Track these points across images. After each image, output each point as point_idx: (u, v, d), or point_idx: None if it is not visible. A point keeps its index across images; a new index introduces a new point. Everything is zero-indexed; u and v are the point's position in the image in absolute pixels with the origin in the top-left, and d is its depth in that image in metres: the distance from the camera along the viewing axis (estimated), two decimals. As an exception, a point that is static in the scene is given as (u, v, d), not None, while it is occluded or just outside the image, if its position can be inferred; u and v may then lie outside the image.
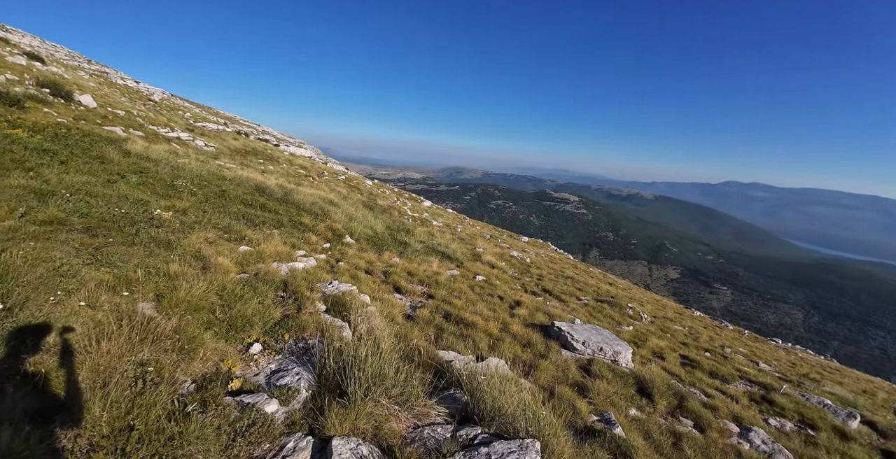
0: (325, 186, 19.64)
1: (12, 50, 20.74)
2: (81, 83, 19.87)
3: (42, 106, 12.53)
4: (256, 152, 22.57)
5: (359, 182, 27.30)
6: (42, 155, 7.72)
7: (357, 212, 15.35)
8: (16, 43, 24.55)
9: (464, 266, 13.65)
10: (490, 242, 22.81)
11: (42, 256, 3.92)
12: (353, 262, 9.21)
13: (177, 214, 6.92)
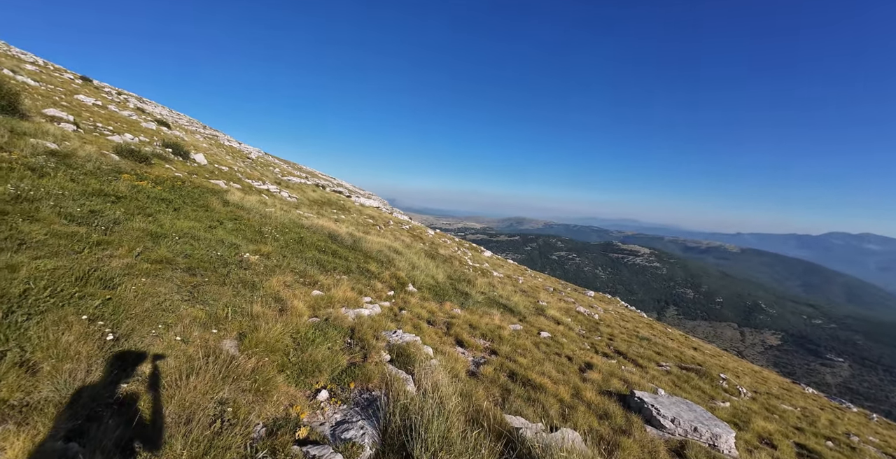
0: (391, 235, 20.48)
1: (146, 118, 25.56)
2: (197, 144, 23.64)
3: (164, 162, 14.96)
4: (331, 203, 24.53)
5: (421, 231, 28.15)
6: (160, 203, 9.01)
7: (419, 261, 15.63)
8: (150, 112, 30.35)
9: (527, 320, 12.98)
10: (553, 296, 21.71)
11: (150, 291, 4.38)
12: (416, 311, 9.17)
13: (261, 258, 7.52)
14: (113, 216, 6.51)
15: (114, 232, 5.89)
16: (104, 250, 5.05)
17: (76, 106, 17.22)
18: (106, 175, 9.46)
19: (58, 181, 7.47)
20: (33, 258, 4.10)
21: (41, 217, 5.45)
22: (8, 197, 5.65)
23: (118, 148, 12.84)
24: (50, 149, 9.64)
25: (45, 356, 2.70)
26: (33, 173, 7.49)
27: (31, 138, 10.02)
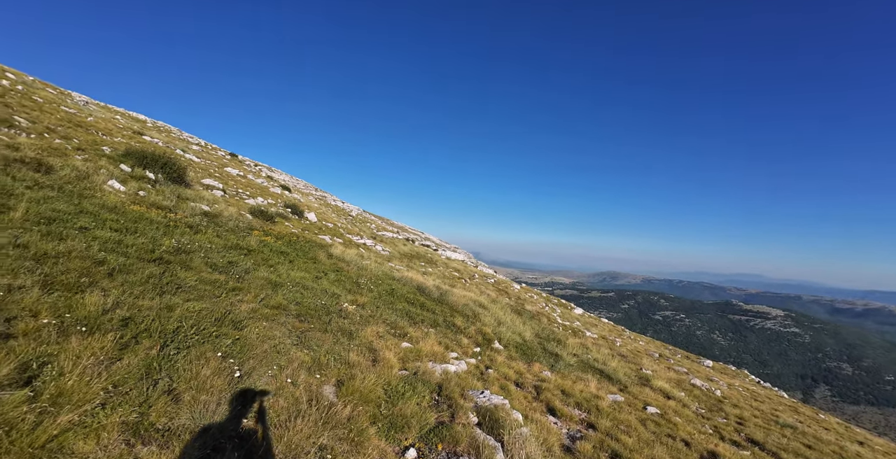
0: (476, 289, 20.40)
1: (273, 184, 30.41)
2: (309, 204, 27.20)
3: (285, 220, 17.38)
4: (419, 256, 25.66)
5: (507, 285, 27.57)
6: (280, 255, 10.36)
7: (505, 317, 15.14)
8: (276, 179, 36.16)
9: (629, 391, 11.39)
10: (660, 363, 18.93)
11: (268, 334, 4.92)
12: (503, 371, 8.71)
13: (358, 308, 8.02)
14: (245, 266, 7.65)
15: (244, 280, 6.89)
16: (237, 295, 5.90)
17: (224, 176, 21.37)
18: (242, 231, 11.32)
19: (207, 236, 9.13)
20: (185, 300, 4.94)
21: (193, 266, 6.63)
22: (171, 249, 7.02)
23: (252, 209, 15.41)
24: (204, 211, 11.96)
25: (186, 386, 3.14)
26: (191, 230, 9.28)
27: (191, 202, 12.58)
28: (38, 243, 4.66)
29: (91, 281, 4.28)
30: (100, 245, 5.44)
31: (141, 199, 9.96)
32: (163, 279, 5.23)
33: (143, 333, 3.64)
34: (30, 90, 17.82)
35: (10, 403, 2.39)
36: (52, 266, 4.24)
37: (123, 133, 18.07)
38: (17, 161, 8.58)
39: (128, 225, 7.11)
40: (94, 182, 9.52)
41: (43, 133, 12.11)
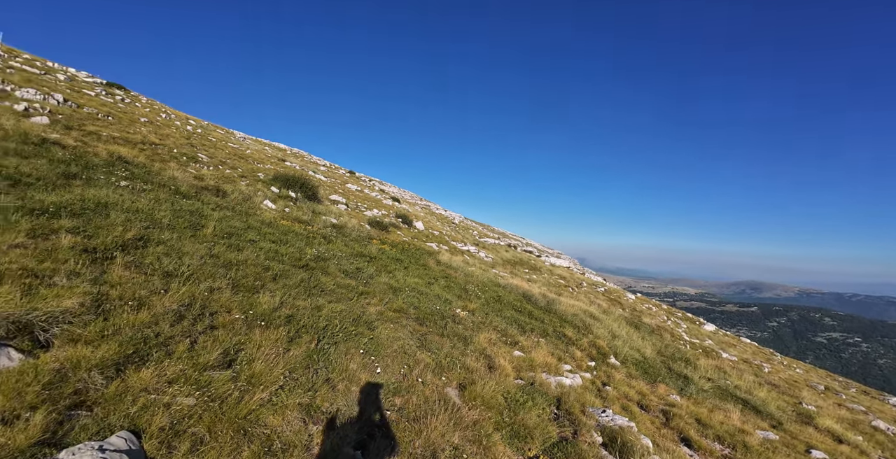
0: (584, 298, 19.29)
1: (385, 196, 33.12)
2: (416, 214, 28.97)
3: (396, 229, 18.81)
4: (522, 262, 25.29)
5: (619, 295, 25.45)
6: (395, 262, 11.25)
7: (620, 330, 13.98)
8: (387, 191, 39.37)
9: (784, 428, 9.49)
10: (826, 397, 15.35)
11: (394, 335, 5.39)
12: (622, 390, 8.06)
13: (469, 314, 8.26)
14: (369, 272, 8.53)
15: (370, 284, 7.67)
16: (365, 299, 6.61)
17: (346, 191, 24.07)
18: (363, 240, 12.63)
19: (338, 246, 10.40)
20: (328, 301, 5.72)
21: (330, 271, 7.62)
22: (313, 257, 8.16)
23: (369, 220, 17.08)
24: (332, 223, 13.66)
25: (339, 377, 3.65)
26: (325, 240, 10.68)
27: (323, 216, 14.48)
28: (225, 253, 5.88)
29: (262, 285, 5.25)
30: (264, 254, 6.62)
31: (287, 215, 11.84)
32: (310, 283, 6.14)
33: (303, 329, 4.33)
34: (206, 132, 22.65)
35: (219, 381, 3.08)
36: (236, 271, 5.32)
37: (271, 161, 21.75)
38: (203, 188, 10.97)
39: (280, 237, 8.52)
40: (255, 202, 11.64)
41: (217, 165, 15.26)
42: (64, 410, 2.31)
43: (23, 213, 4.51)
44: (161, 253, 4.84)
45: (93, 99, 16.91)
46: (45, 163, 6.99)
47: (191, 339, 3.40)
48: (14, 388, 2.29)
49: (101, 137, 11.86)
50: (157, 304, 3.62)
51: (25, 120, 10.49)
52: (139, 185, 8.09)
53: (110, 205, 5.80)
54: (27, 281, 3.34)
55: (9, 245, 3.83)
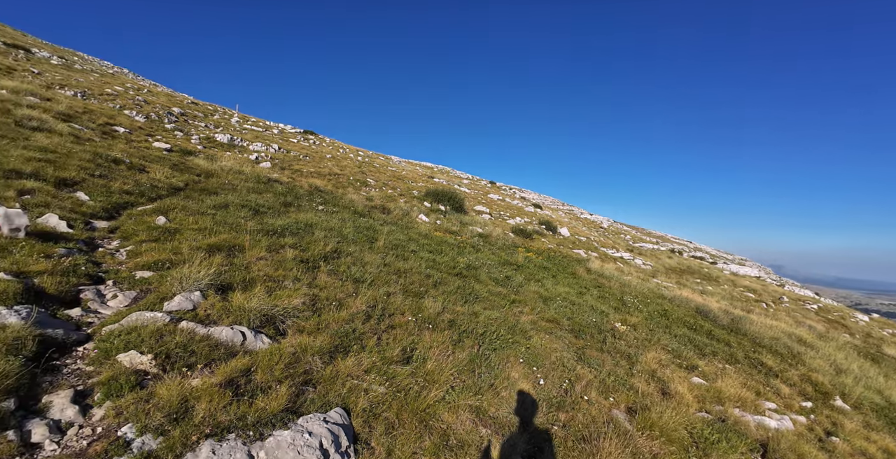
0: (787, 317, 15.27)
1: (527, 203, 32.81)
2: (560, 219, 27.87)
3: (541, 237, 18.42)
4: (692, 270, 21.64)
5: (843, 315, 19.29)
6: (543, 270, 11.01)
7: (849, 363, 10.55)
8: (528, 199, 38.98)
9: None
10: None
11: (550, 346, 5.25)
12: (858, 445, 6.01)
13: (629, 328, 7.46)
14: (518, 280, 8.57)
15: (520, 293, 7.70)
16: (517, 307, 6.65)
17: (489, 202, 24.85)
18: (508, 249, 12.80)
19: (486, 255, 10.79)
20: (484, 308, 5.95)
21: (482, 279, 7.94)
22: (465, 265, 8.63)
23: (513, 228, 17.23)
24: (479, 233, 14.26)
25: (502, 384, 3.75)
26: (473, 249, 11.21)
27: (469, 226, 15.25)
28: (395, 262, 6.74)
29: (425, 291, 5.81)
30: (424, 263, 7.34)
31: (438, 227, 12.91)
32: (465, 290, 6.51)
33: (464, 334, 4.61)
34: (371, 160, 26.57)
35: (401, 374, 3.51)
36: (404, 278, 6.04)
37: (422, 178, 24.15)
38: (373, 207, 12.85)
39: (435, 247, 9.32)
40: (412, 217, 13.06)
41: (381, 186, 17.70)
42: (299, 385, 2.99)
43: (262, 234, 6.08)
44: (350, 262, 5.85)
45: (295, 145, 21.81)
46: (271, 196, 9.30)
47: (377, 336, 3.99)
48: (267, 365, 3.07)
49: (302, 173, 15.16)
50: (351, 305, 4.38)
51: (256, 165, 14.21)
52: (330, 208, 10.01)
53: (314, 225, 7.32)
54: (269, 284, 4.46)
55: (256, 257, 5.19)
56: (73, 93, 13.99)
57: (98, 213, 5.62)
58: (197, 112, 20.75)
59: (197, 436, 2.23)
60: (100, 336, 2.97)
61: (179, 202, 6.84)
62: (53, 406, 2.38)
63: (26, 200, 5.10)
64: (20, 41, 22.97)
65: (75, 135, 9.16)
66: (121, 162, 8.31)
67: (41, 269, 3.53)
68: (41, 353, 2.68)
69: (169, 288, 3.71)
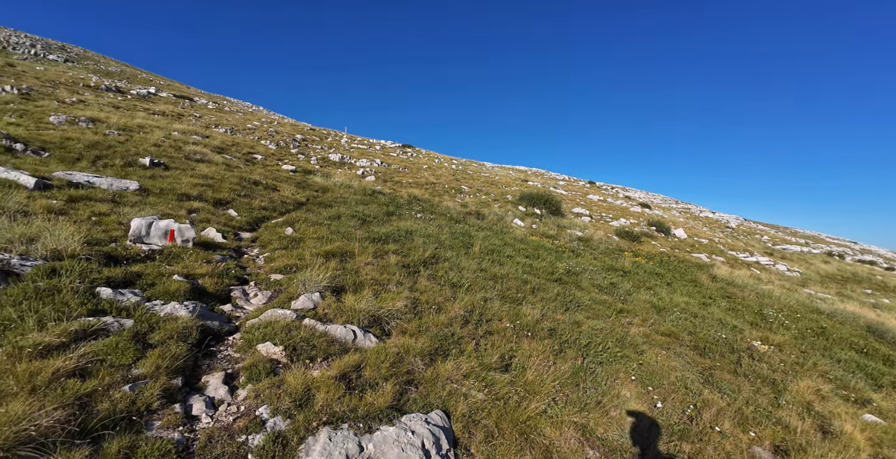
0: None
1: (632, 203, 29.96)
2: (674, 220, 24.84)
3: (650, 239, 16.62)
4: (858, 278, 17.35)
5: None
6: (655, 277, 9.89)
7: None
8: (633, 198, 35.54)
9: None
10: None
11: (667, 364, 4.65)
12: None
13: (773, 349, 6.23)
14: (625, 288, 7.83)
15: (628, 302, 7.01)
16: (625, 317, 6.07)
17: (588, 203, 23.36)
18: (612, 253, 11.81)
19: (587, 259, 10.11)
20: (586, 317, 5.56)
21: (583, 286, 7.44)
22: (564, 271, 8.19)
23: (617, 230, 15.88)
24: (578, 236, 13.46)
25: (611, 402, 3.43)
26: (573, 254, 10.60)
27: (568, 229, 14.49)
28: (490, 268, 6.71)
29: (523, 297, 5.66)
30: (521, 268, 7.17)
31: (534, 231, 12.54)
32: (565, 297, 6.18)
33: (566, 344, 4.36)
34: (464, 167, 27.12)
35: (500, 382, 3.44)
36: (501, 284, 5.97)
37: (515, 183, 23.84)
38: (468, 213, 13.06)
39: (532, 252, 9.05)
40: (506, 221, 12.93)
41: (475, 192, 17.92)
42: (402, 384, 3.13)
43: (369, 241, 6.60)
44: (447, 268, 6.01)
45: (395, 158, 23.40)
46: (375, 207, 10.08)
47: (475, 341, 3.99)
48: (375, 363, 3.28)
49: (402, 184, 16.17)
50: (449, 309, 4.48)
51: (363, 179, 15.59)
52: (427, 215, 10.46)
53: (413, 232, 7.72)
54: (375, 287, 4.81)
55: (364, 263, 5.65)
56: (224, 130, 17.13)
57: (243, 226, 6.74)
58: (314, 137, 23.70)
59: (317, 423, 2.48)
60: (244, 328, 3.52)
61: (302, 215, 7.83)
62: (209, 385, 2.88)
63: (193, 217, 6.36)
64: (185, 92, 29.07)
65: (226, 163, 11.18)
66: (259, 183, 9.88)
67: (203, 272, 4.34)
68: (202, 340, 3.28)
69: (295, 289, 4.24)
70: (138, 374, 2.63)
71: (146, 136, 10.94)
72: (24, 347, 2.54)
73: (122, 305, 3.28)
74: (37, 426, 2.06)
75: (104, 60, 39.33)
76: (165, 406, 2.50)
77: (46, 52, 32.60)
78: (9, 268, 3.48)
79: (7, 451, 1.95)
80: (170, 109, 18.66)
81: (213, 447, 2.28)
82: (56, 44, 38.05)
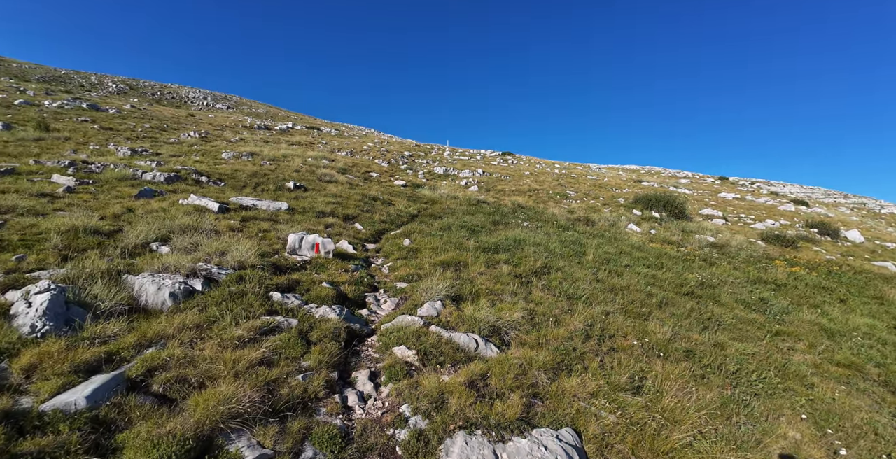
0: None
1: (781, 200, 24.99)
2: (844, 219, 20.03)
3: (811, 244, 13.67)
4: None
5: None
6: (821, 292, 8.11)
7: None
8: (782, 193, 29.61)
9: None
10: None
11: (848, 403, 3.77)
12: None
13: None
14: (780, 305, 6.59)
15: (785, 322, 5.89)
16: (783, 341, 5.11)
17: (720, 202, 20.30)
18: (758, 261, 10.04)
19: (724, 269, 8.78)
20: (731, 339, 4.84)
21: (723, 301, 6.49)
22: (697, 283, 7.25)
23: (762, 234, 13.46)
24: (709, 242, 11.76)
25: (775, 444, 2.92)
26: (705, 263, 9.31)
27: (695, 234, 12.77)
28: (608, 278, 6.31)
29: (648, 312, 5.19)
30: (643, 279, 6.58)
31: (654, 237, 11.38)
32: (701, 314, 5.47)
33: (708, 369, 3.86)
34: (568, 171, 25.98)
35: (633, 405, 3.21)
36: (621, 296, 5.57)
37: (627, 184, 21.98)
38: (576, 220, 12.47)
39: (654, 261, 8.23)
40: (620, 227, 11.99)
41: (582, 197, 17.04)
42: (528, 397, 3.14)
43: (479, 251, 6.78)
44: (560, 278, 5.84)
45: (496, 167, 23.61)
46: (481, 216, 10.30)
47: (599, 358, 3.80)
48: (500, 372, 3.35)
49: (505, 192, 16.23)
50: (568, 322, 4.35)
51: (466, 190, 16.07)
52: (533, 223, 10.31)
53: (522, 241, 7.69)
54: (490, 297, 4.91)
55: (477, 273, 5.82)
56: (345, 153, 19.40)
57: (368, 238, 7.53)
58: (419, 152, 25.32)
59: (453, 426, 2.65)
60: (380, 331, 3.94)
61: (416, 226, 8.42)
62: (358, 380, 3.28)
63: (329, 231, 7.34)
64: (313, 124, 33.74)
65: (349, 182, 12.64)
66: (377, 198, 10.94)
67: (343, 280, 4.97)
68: (349, 341, 3.75)
69: (419, 297, 4.59)
70: (306, 366, 3.14)
71: (289, 164, 13.02)
72: (229, 339, 3.23)
73: (288, 307, 3.96)
74: (242, 404, 2.61)
75: (254, 104, 48.18)
76: (328, 395, 2.93)
77: (214, 102, 41.23)
78: (210, 276, 4.47)
79: (223, 423, 2.51)
80: (304, 139, 21.89)
81: (368, 436, 2.60)
82: (221, 95, 47.89)
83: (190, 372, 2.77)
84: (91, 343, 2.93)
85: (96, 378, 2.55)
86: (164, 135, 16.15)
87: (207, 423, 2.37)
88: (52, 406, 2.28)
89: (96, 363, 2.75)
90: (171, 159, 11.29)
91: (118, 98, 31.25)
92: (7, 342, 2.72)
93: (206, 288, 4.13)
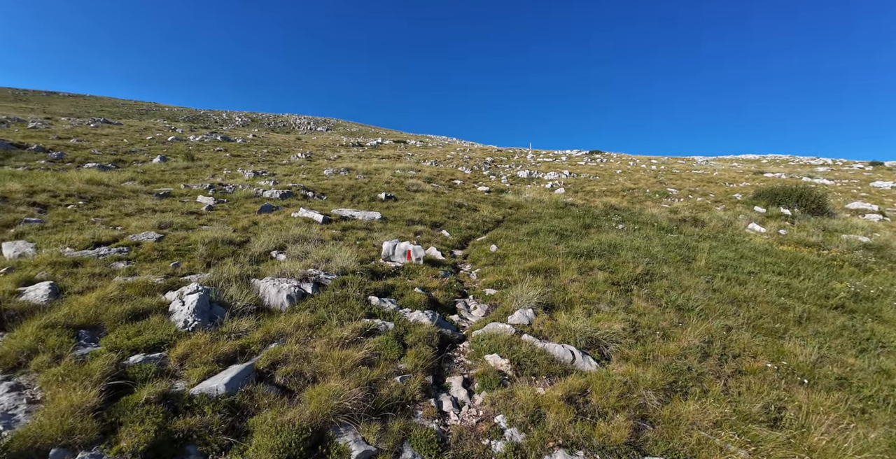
0: None
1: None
2: None
3: None
4: None
5: None
6: None
7: None
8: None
9: None
10: None
11: None
12: None
13: None
14: (981, 325, 5.06)
15: None
16: None
17: (874, 194, 16.52)
18: (940, 269, 7.88)
19: (885, 277, 7.07)
20: (905, 366, 3.84)
21: (885, 318, 5.21)
22: (848, 294, 5.94)
23: (943, 234, 10.56)
24: (862, 243, 9.57)
25: None
26: (857, 269, 7.60)
27: (841, 234, 10.51)
28: (726, 287, 5.51)
29: (784, 328, 4.38)
30: (773, 289, 5.60)
31: (784, 238, 9.66)
32: (858, 333, 4.46)
33: (869, 401, 3.10)
34: (668, 166, 23.47)
35: (769, 440, 2.71)
36: (746, 309, 4.80)
37: (744, 177, 19.09)
38: (681, 220, 11.17)
39: (786, 267, 6.96)
40: (738, 227, 10.43)
41: (686, 195, 15.23)
42: (636, 419, 2.85)
43: (570, 257, 6.43)
44: (666, 286, 5.25)
45: (583, 167, 22.39)
46: (570, 220, 9.81)
47: (722, 381, 3.30)
48: (601, 389, 3.10)
49: (594, 193, 15.28)
50: (679, 337, 3.87)
51: (552, 192, 15.44)
52: (629, 226, 9.50)
53: (617, 246, 7.12)
54: (586, 306, 4.61)
55: (569, 280, 5.51)
56: (430, 163, 20.13)
57: (455, 245, 7.66)
58: (501, 157, 25.19)
59: (552, 443, 2.51)
60: (471, 338, 3.94)
61: (502, 232, 8.34)
62: (451, 386, 3.31)
63: (418, 238, 7.63)
64: (400, 137, 35.75)
65: (435, 191, 13.05)
66: (462, 205, 11.12)
67: (434, 286, 5.11)
68: (441, 346, 3.82)
69: (509, 304, 4.50)
70: (403, 369, 3.27)
71: (380, 177, 13.94)
72: (336, 339, 3.52)
73: (385, 311, 4.19)
74: (348, 400, 2.80)
75: (348, 124, 52.98)
76: (424, 398, 3.01)
77: (315, 126, 46.28)
78: (319, 280, 4.94)
79: (333, 417, 2.72)
80: (392, 153, 23.30)
81: (464, 444, 2.60)
82: (321, 119, 53.57)
83: (305, 367, 3.07)
84: (228, 337, 3.43)
85: (232, 367, 2.97)
86: (278, 158, 18.56)
87: (320, 416, 2.59)
88: (199, 390, 2.69)
89: (233, 354, 3.21)
90: (283, 178, 12.90)
91: (243, 129, 36.92)
92: (166, 334, 3.30)
93: (316, 291, 4.57)
